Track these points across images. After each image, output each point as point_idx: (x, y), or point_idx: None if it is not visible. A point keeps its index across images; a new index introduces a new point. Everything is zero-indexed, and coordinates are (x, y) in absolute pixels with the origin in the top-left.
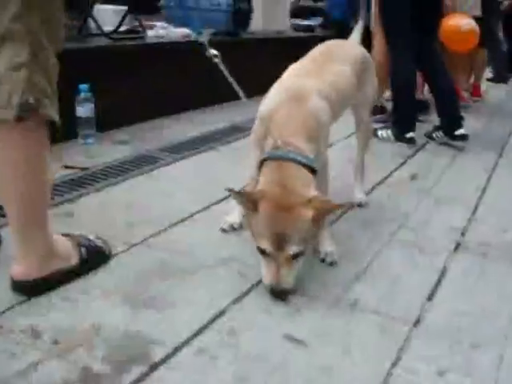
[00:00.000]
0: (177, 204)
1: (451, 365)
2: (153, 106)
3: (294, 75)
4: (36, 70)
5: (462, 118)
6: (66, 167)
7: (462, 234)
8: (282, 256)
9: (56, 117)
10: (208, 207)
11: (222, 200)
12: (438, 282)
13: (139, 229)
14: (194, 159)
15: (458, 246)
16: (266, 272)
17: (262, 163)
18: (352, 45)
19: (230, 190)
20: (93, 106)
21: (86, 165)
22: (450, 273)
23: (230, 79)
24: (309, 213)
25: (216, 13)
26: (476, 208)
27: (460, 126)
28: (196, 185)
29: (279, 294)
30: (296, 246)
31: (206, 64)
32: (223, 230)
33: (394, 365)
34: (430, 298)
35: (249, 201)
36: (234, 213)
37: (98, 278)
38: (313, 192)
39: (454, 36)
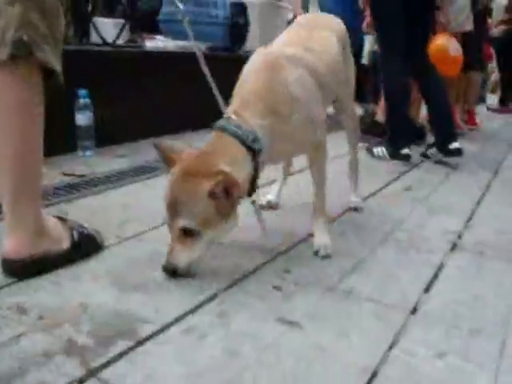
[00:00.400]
0: None
1: (451, 348)
2: (153, 123)
3: (279, 43)
4: (31, 7)
5: (456, 132)
6: (65, 174)
7: (459, 237)
8: (175, 229)
9: (56, 65)
10: None
11: None
12: (435, 277)
13: (132, 225)
14: None
15: (454, 247)
16: None
17: None
18: (333, 17)
19: (156, 145)
20: (92, 114)
21: (85, 173)
22: (447, 269)
23: (213, 86)
24: (206, 185)
25: (213, 26)
26: (471, 217)
27: (454, 140)
28: None
29: (169, 274)
30: (186, 220)
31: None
32: (261, 207)
33: (391, 347)
34: (426, 290)
35: (165, 162)
36: (273, 191)
37: (89, 265)
38: (229, 168)
39: (439, 54)
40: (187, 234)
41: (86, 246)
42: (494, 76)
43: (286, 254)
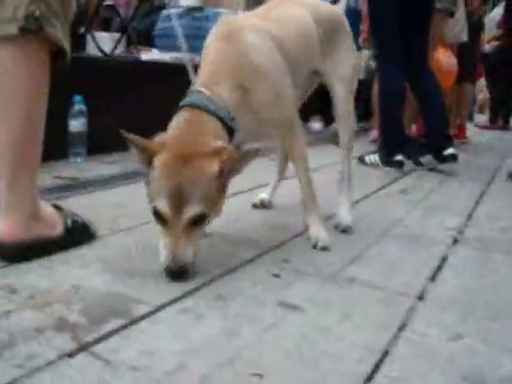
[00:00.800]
0: None
1: (467, 331)
2: (146, 133)
3: (241, 15)
4: None
5: (450, 137)
6: (56, 177)
7: (460, 233)
8: (181, 222)
9: (66, 44)
10: None
11: None
12: (440, 268)
13: (124, 220)
14: None
15: (456, 241)
16: (162, 246)
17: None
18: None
19: (126, 137)
20: (85, 120)
21: (76, 177)
22: (451, 260)
23: None
24: (214, 165)
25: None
26: (470, 216)
27: (450, 145)
28: None
29: (177, 274)
30: (197, 207)
31: None
32: (254, 205)
33: (401, 329)
34: (432, 279)
35: (145, 152)
36: (266, 190)
37: (81, 252)
38: (220, 142)
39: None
40: (195, 222)
41: (79, 234)
42: (483, 95)
43: (282, 246)
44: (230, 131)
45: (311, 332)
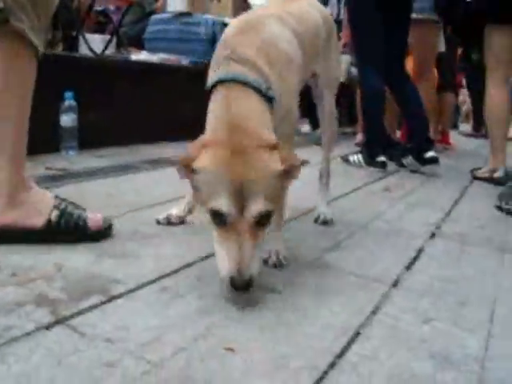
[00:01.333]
0: (150, 195)
1: (438, 316)
2: (136, 131)
3: (258, 10)
4: None
5: (431, 140)
6: (47, 168)
7: (437, 228)
8: (245, 222)
9: (34, 38)
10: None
11: None
12: (416, 258)
13: (112, 209)
14: (172, 170)
15: (433, 235)
16: (221, 249)
17: (211, 91)
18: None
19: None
20: (76, 116)
21: (67, 168)
22: (428, 251)
23: None
24: (278, 164)
25: (197, 43)
26: (449, 213)
27: (429, 149)
28: (173, 182)
29: (242, 288)
30: (265, 202)
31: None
32: None
33: (374, 313)
34: (408, 267)
35: (188, 162)
36: None
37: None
38: (273, 135)
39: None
40: (260, 221)
41: (64, 229)
42: (467, 105)
43: None
44: (270, 101)
45: (287, 313)
